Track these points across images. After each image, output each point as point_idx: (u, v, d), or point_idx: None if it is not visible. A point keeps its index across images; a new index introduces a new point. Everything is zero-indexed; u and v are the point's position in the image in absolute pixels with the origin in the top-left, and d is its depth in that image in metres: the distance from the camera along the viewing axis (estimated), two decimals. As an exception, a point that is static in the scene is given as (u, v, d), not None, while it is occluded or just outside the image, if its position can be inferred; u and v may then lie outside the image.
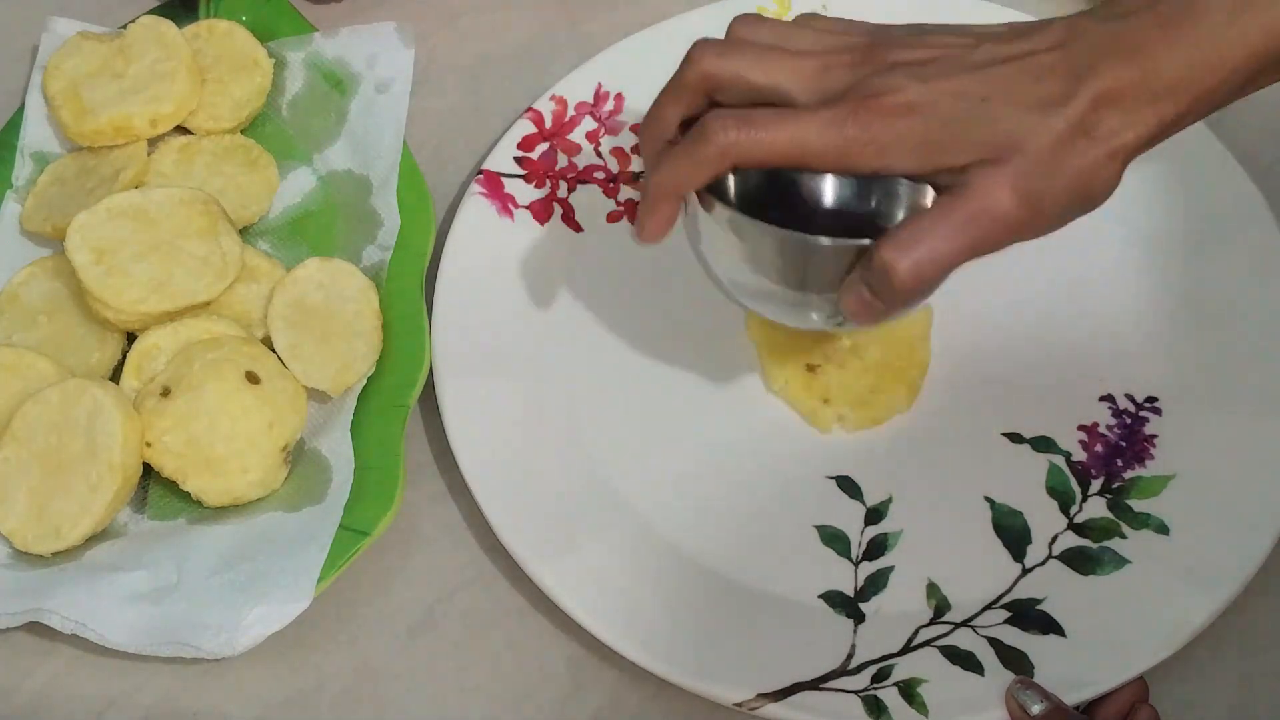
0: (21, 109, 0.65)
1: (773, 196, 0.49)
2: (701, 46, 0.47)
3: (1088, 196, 0.46)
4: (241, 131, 0.64)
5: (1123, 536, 0.53)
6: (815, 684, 0.50)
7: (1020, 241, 0.46)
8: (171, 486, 0.54)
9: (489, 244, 0.60)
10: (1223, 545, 0.52)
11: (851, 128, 0.44)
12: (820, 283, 0.47)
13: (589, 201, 0.62)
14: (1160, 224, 0.61)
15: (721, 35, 0.64)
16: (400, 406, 0.55)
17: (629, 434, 0.57)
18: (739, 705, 0.49)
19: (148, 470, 0.54)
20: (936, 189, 0.46)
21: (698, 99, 0.48)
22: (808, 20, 0.49)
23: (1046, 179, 0.45)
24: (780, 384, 0.57)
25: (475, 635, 0.53)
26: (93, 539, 0.53)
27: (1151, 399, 0.57)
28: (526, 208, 0.62)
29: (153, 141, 0.62)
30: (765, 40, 0.48)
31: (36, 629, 0.52)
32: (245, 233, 0.61)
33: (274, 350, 0.56)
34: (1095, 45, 0.45)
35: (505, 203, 0.61)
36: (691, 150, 0.46)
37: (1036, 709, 0.48)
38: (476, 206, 0.61)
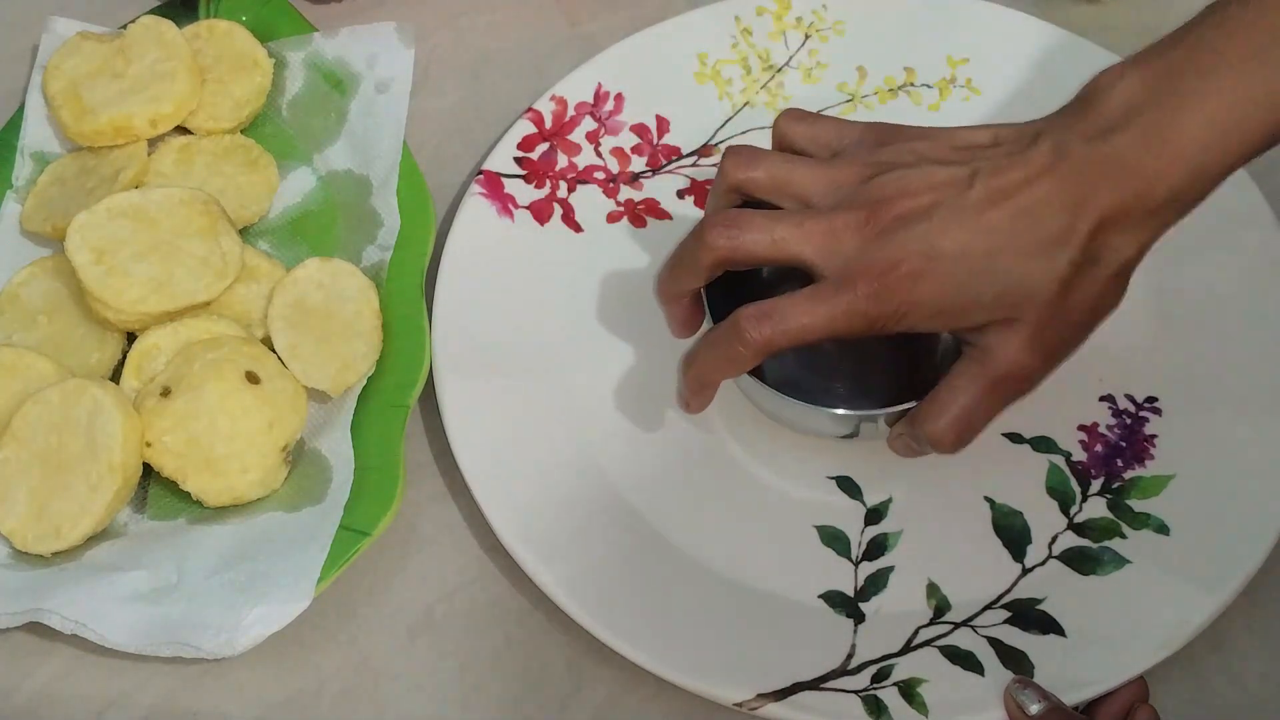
0: (21, 109, 0.65)
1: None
2: (710, 222, 0.48)
3: (1098, 316, 0.48)
4: (241, 131, 0.64)
5: (1123, 536, 0.53)
6: (815, 684, 0.50)
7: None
8: (171, 486, 0.54)
9: (489, 244, 0.60)
10: (1223, 545, 0.52)
11: (873, 307, 0.46)
12: (864, 434, 0.52)
13: (589, 201, 0.62)
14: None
15: (720, 35, 0.65)
16: (400, 406, 0.55)
17: (629, 434, 0.56)
18: (739, 705, 0.49)
19: (148, 470, 0.54)
20: (959, 339, 0.49)
21: (714, 274, 0.50)
22: (795, 135, 0.51)
23: (1059, 323, 0.47)
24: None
25: (475, 635, 0.53)
26: (93, 539, 0.53)
27: (1151, 399, 0.57)
28: (526, 208, 0.62)
29: (153, 141, 0.62)
30: (763, 183, 0.49)
31: (36, 629, 0.52)
32: (245, 233, 0.61)
33: (274, 350, 0.56)
34: (1086, 170, 0.46)
35: (505, 203, 0.61)
36: (727, 349, 0.48)
37: (1035, 709, 0.48)
38: (476, 206, 0.61)
